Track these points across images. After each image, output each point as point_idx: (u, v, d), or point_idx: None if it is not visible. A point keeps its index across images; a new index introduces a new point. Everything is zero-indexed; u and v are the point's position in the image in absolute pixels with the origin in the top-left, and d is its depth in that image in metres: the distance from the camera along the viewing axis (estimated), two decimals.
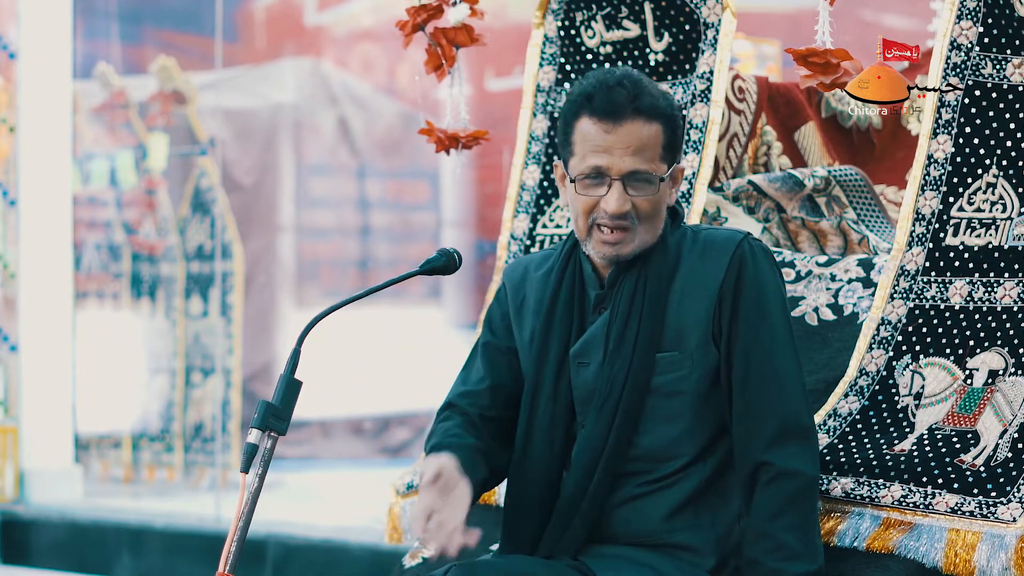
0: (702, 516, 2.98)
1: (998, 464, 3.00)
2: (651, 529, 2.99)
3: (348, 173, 10.19)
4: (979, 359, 3.18)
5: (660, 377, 2.99)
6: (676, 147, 3.03)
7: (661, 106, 2.99)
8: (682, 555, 2.97)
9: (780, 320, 2.98)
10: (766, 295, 2.97)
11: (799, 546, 2.86)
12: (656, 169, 2.98)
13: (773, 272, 3.01)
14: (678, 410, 2.99)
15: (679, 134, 3.03)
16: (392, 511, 3.91)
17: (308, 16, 10.58)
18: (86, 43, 9.00)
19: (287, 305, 9.86)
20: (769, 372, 2.95)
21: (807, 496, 2.90)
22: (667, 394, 2.99)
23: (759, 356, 2.95)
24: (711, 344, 2.97)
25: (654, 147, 2.98)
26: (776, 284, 3.00)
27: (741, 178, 3.98)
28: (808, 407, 2.98)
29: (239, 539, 2.84)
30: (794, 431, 2.93)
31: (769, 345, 2.95)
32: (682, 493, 2.98)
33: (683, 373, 2.98)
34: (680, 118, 3.04)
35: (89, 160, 8.81)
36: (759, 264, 2.98)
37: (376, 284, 3.15)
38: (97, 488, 8.35)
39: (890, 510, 3.06)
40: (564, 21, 4.00)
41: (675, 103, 3.03)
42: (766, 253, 3.01)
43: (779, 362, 2.96)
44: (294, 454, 9.33)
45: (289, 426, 2.94)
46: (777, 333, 2.97)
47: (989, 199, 3.28)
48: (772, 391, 2.94)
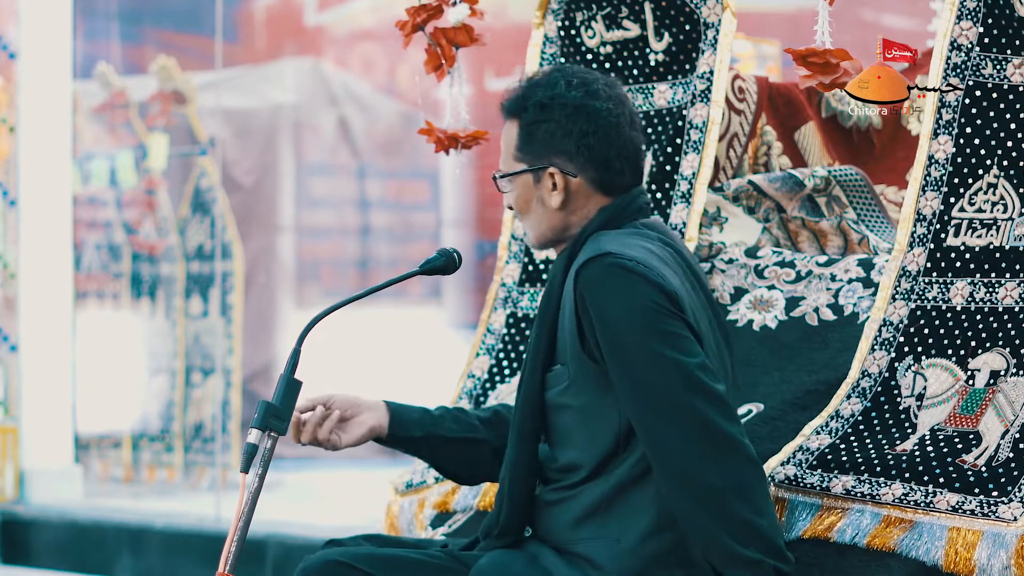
0: (609, 529, 2.93)
1: (999, 464, 3.00)
2: (561, 536, 2.98)
3: (348, 173, 10.19)
4: (981, 360, 3.17)
5: (549, 391, 2.99)
6: (535, 143, 3.01)
7: (520, 103, 3.02)
8: (584, 566, 2.93)
9: (638, 350, 2.83)
10: (610, 325, 2.85)
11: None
12: (509, 167, 3.05)
13: (622, 294, 2.85)
14: (569, 424, 2.98)
15: (539, 131, 3.00)
16: (390, 509, 3.91)
17: (308, 16, 10.58)
18: (86, 43, 9.00)
19: (287, 305, 9.85)
20: (643, 424, 2.86)
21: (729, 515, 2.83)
22: (557, 408, 2.99)
23: (630, 408, 2.86)
24: (584, 358, 2.92)
25: (509, 145, 3.06)
26: (627, 306, 2.84)
27: (741, 178, 3.98)
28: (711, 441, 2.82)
29: (239, 539, 2.84)
30: (684, 487, 2.83)
31: (633, 395, 2.84)
32: (582, 506, 2.96)
33: (564, 386, 2.97)
34: (549, 112, 2.99)
35: (89, 160, 8.81)
36: (600, 290, 2.86)
37: (376, 284, 3.15)
38: (97, 488, 8.35)
39: (891, 508, 3.06)
40: (564, 21, 4.00)
41: (557, 96, 3.00)
42: (611, 274, 2.86)
43: (649, 410, 2.84)
44: (294, 454, 9.30)
45: (289, 426, 2.95)
46: (635, 367, 2.83)
47: (990, 199, 3.28)
48: (649, 443, 2.86)
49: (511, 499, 3.02)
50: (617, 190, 3.03)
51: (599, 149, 3.00)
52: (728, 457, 2.83)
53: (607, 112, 2.99)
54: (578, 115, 2.99)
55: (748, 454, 2.86)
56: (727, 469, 2.82)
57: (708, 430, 2.83)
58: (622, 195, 3.03)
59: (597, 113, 2.99)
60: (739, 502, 2.81)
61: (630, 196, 3.04)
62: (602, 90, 3.01)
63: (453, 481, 3.36)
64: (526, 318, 3.92)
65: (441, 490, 3.80)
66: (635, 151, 3.04)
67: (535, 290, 3.95)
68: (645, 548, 2.91)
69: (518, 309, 3.94)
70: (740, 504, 2.81)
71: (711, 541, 2.83)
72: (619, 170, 3.02)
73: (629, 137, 3.02)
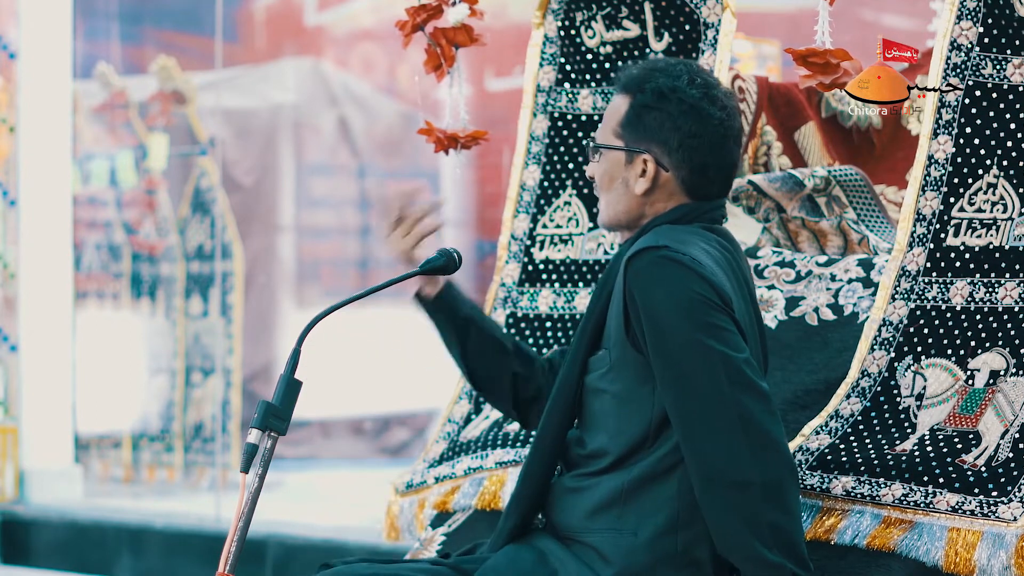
0: (627, 521, 2.92)
1: (999, 464, 3.00)
2: (574, 525, 2.98)
3: (348, 173, 10.19)
4: (980, 360, 3.17)
5: (590, 374, 3.01)
6: (640, 126, 3.00)
7: (638, 82, 3.00)
8: (592, 559, 2.92)
9: (684, 342, 2.82)
10: (657, 315, 2.84)
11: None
12: (606, 140, 3.04)
13: (671, 285, 2.85)
14: (603, 409, 2.98)
15: (648, 116, 3.00)
16: (390, 509, 3.91)
17: (308, 16, 10.58)
18: (86, 43, 8.99)
19: (287, 305, 9.85)
20: (682, 415, 2.85)
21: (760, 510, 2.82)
22: (594, 392, 3.00)
23: (671, 399, 2.86)
24: (628, 345, 2.92)
25: (613, 119, 3.05)
26: (674, 296, 2.84)
27: (741, 178, 3.98)
28: (746, 441, 2.80)
29: (239, 539, 2.84)
30: (716, 481, 2.82)
31: (675, 386, 2.84)
32: (601, 495, 2.94)
33: (603, 371, 2.98)
34: (664, 102, 2.99)
35: (89, 160, 8.81)
36: (650, 280, 2.86)
37: (376, 284, 3.15)
38: (97, 488, 8.34)
39: (891, 508, 3.06)
40: (564, 21, 4.00)
41: (677, 89, 2.99)
42: (661, 265, 2.86)
43: (690, 401, 2.83)
44: (294, 454, 9.32)
45: (289, 426, 2.95)
46: (679, 359, 2.83)
47: (990, 199, 3.28)
48: (687, 435, 2.85)
49: (526, 475, 3.03)
50: (701, 196, 3.03)
51: (700, 153, 3.00)
52: (766, 454, 2.81)
53: (719, 121, 3.00)
54: (691, 114, 2.99)
55: (786, 455, 2.85)
56: (763, 466, 2.80)
57: (749, 425, 2.81)
58: (703, 201, 3.03)
59: (709, 119, 2.99)
60: (770, 502, 2.80)
61: (710, 204, 3.04)
62: (720, 98, 3.02)
63: (467, 378, 3.32)
64: (525, 318, 3.92)
65: (441, 490, 3.80)
66: (732, 166, 3.05)
67: (535, 290, 3.95)
68: (659, 545, 2.89)
69: (518, 309, 3.95)
70: (771, 504, 2.80)
71: (734, 538, 2.81)
72: (711, 179, 3.02)
73: (730, 151, 3.03)
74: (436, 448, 3.90)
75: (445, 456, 3.86)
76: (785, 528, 2.81)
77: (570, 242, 3.93)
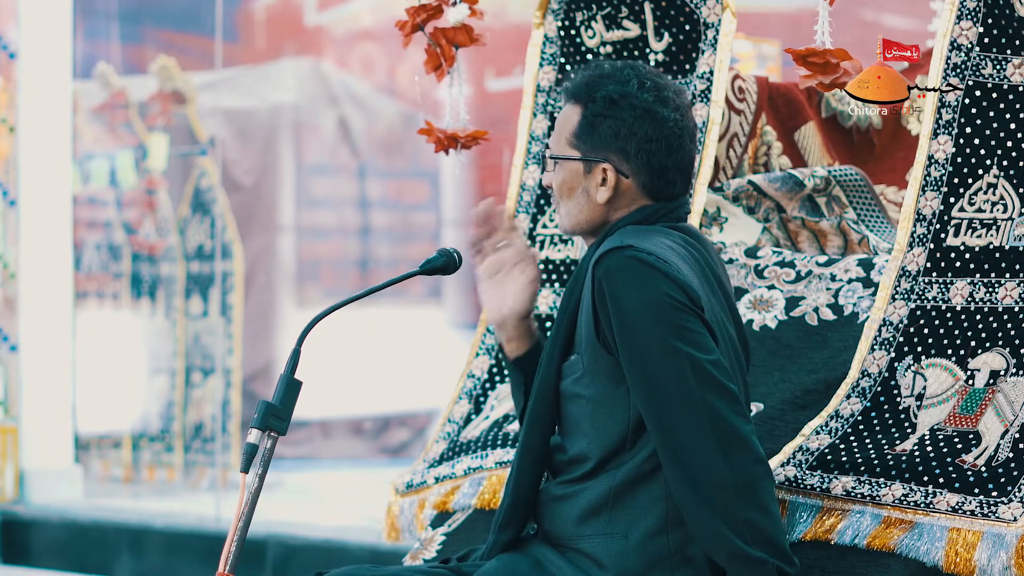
0: (616, 525, 2.92)
1: (999, 464, 3.00)
2: (566, 532, 2.97)
3: (348, 173, 10.19)
4: (980, 360, 3.17)
5: (564, 380, 3.00)
6: (595, 135, 2.98)
7: (588, 91, 2.99)
8: (588, 566, 2.92)
9: (652, 343, 2.82)
10: (625, 317, 2.84)
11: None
12: (562, 150, 3.02)
13: (638, 287, 2.84)
14: (580, 414, 2.97)
15: (603, 125, 2.98)
16: (391, 509, 3.91)
17: (308, 16, 10.58)
18: (86, 43, 9.00)
19: (287, 305, 9.86)
20: (653, 417, 2.85)
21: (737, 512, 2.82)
22: (570, 397, 2.99)
23: (641, 401, 2.85)
24: (599, 348, 2.91)
25: (566, 129, 3.03)
26: (642, 299, 2.83)
27: (741, 178, 3.98)
28: (722, 439, 2.80)
29: (239, 539, 2.84)
30: (690, 482, 2.82)
31: (644, 388, 2.83)
32: (588, 501, 2.94)
33: (577, 375, 2.97)
34: (617, 109, 2.97)
35: (89, 160, 8.81)
36: (618, 282, 2.85)
37: (376, 284, 3.15)
38: (97, 488, 8.35)
39: (891, 508, 3.06)
40: (564, 21, 4.00)
41: (628, 95, 2.97)
42: (628, 267, 2.85)
43: (660, 403, 2.82)
44: (294, 454, 9.33)
45: (289, 426, 2.95)
46: (648, 361, 2.82)
47: (990, 199, 3.28)
48: (659, 437, 2.85)
49: (515, 486, 3.02)
50: (663, 197, 3.02)
51: (658, 156, 2.98)
52: (737, 455, 2.81)
53: (673, 122, 2.98)
54: (645, 119, 2.97)
55: (757, 453, 2.85)
56: (735, 466, 2.81)
57: (719, 426, 2.81)
58: (666, 201, 3.03)
59: (664, 121, 2.98)
60: (745, 500, 2.80)
61: (674, 203, 3.03)
62: (671, 98, 3.00)
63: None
64: None
65: (441, 490, 3.80)
66: (690, 163, 3.04)
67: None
68: (651, 547, 2.90)
69: None
70: (746, 503, 2.81)
71: (716, 538, 2.81)
72: (671, 180, 3.01)
73: (688, 149, 3.02)
74: (436, 448, 3.90)
75: (445, 456, 3.86)
76: (761, 525, 2.82)
77: (570, 242, 3.93)
